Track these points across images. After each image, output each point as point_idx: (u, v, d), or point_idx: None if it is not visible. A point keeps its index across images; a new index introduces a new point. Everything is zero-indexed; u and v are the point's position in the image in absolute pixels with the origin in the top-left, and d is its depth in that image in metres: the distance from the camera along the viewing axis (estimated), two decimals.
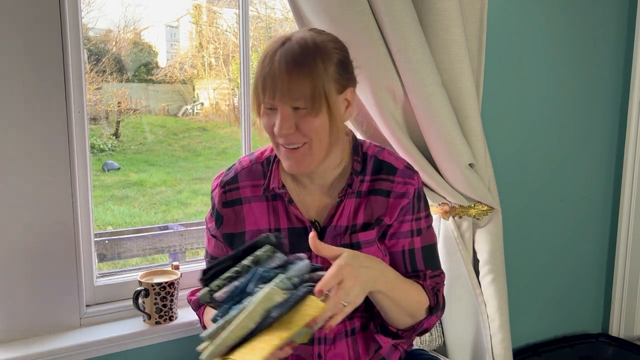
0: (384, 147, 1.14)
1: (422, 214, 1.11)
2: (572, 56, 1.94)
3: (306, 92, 0.93)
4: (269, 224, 1.08)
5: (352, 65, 1.04)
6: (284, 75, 0.92)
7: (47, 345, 1.28)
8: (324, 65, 0.94)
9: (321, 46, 0.96)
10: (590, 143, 2.06)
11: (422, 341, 1.62)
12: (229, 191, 1.11)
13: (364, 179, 1.08)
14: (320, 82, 0.93)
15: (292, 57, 0.93)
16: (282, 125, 0.95)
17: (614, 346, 2.04)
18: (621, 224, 2.11)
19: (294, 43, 0.95)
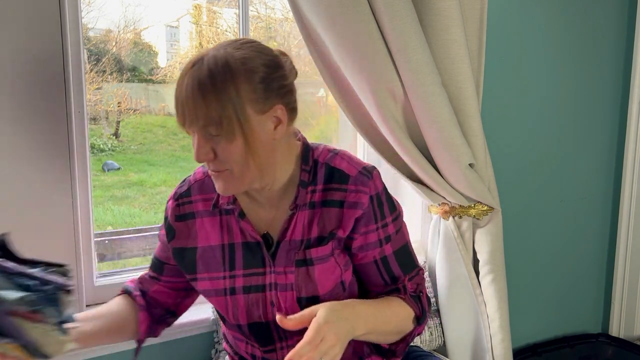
0: (338, 152, 1.05)
1: (389, 219, 1.04)
2: (572, 56, 1.94)
3: (214, 118, 0.88)
4: (221, 240, 1.05)
5: (283, 78, 0.95)
6: (189, 101, 0.88)
7: None
8: (236, 87, 0.88)
9: (235, 66, 0.89)
10: (590, 143, 2.06)
11: (422, 341, 1.62)
12: (182, 205, 1.08)
13: (315, 189, 1.02)
14: (229, 106, 0.88)
15: (199, 81, 0.88)
16: (197, 152, 0.92)
17: (614, 346, 2.04)
18: (621, 224, 2.11)
19: (204, 65, 0.89)
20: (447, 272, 1.59)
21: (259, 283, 1.03)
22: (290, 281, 1.01)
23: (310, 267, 1.01)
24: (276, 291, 1.02)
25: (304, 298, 1.01)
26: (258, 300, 1.03)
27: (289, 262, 1.02)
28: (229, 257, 1.04)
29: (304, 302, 1.01)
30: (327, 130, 2.12)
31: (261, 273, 1.03)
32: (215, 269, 1.05)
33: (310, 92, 2.13)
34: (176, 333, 1.42)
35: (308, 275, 1.01)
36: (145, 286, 1.16)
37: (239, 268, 1.04)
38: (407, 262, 1.08)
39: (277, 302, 1.03)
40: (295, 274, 1.01)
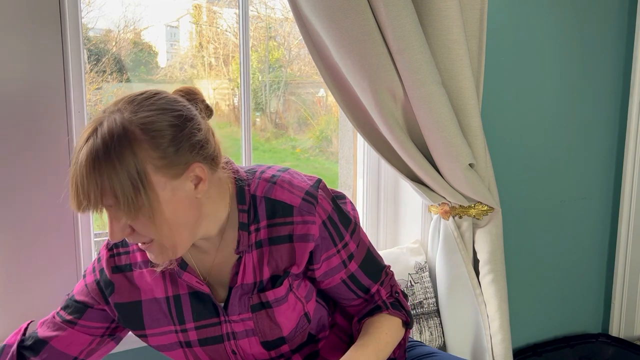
0: (276, 179, 0.95)
1: (347, 237, 0.98)
2: (572, 56, 1.94)
3: (117, 195, 0.78)
4: (165, 292, 0.96)
5: (195, 132, 0.85)
6: (85, 180, 0.78)
7: None
8: (138, 159, 0.78)
9: (133, 134, 0.79)
10: (590, 143, 2.06)
11: (422, 341, 1.62)
12: (117, 255, 0.99)
13: (258, 227, 0.93)
14: (134, 182, 0.78)
15: (93, 158, 0.78)
16: (111, 231, 0.83)
17: (614, 346, 2.04)
18: (621, 224, 2.11)
19: (99, 138, 0.79)
20: (447, 272, 1.59)
21: (216, 334, 0.97)
22: (249, 327, 0.96)
23: (269, 310, 0.95)
24: (235, 340, 0.97)
25: (269, 341, 0.97)
26: (219, 350, 0.98)
27: (243, 309, 0.95)
28: (175, 310, 0.97)
29: (270, 345, 0.97)
30: (327, 130, 2.12)
31: (216, 323, 0.97)
32: (165, 323, 0.98)
33: (310, 92, 2.13)
34: None
35: (269, 318, 0.95)
36: (47, 334, 1.00)
37: (189, 321, 0.97)
38: (373, 269, 1.03)
39: (239, 350, 0.98)
40: (254, 319, 0.95)
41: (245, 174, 0.97)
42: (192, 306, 0.97)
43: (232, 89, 2.75)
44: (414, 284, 1.64)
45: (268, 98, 2.35)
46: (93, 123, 0.82)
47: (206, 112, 0.91)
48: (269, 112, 2.43)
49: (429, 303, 1.65)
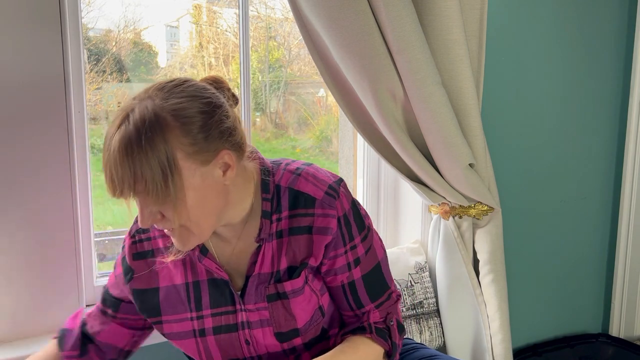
0: (301, 172, 0.96)
1: (357, 240, 0.97)
2: (572, 56, 1.94)
3: (149, 181, 0.79)
4: (185, 278, 0.98)
5: (224, 120, 0.86)
6: (118, 166, 0.79)
7: None
8: (169, 146, 0.79)
9: (165, 121, 0.80)
10: (590, 143, 2.06)
11: (422, 341, 1.62)
12: (140, 242, 1.00)
13: (280, 217, 0.94)
14: (165, 169, 0.79)
15: (126, 144, 0.78)
16: (141, 218, 0.84)
17: (614, 346, 2.04)
18: (621, 224, 2.11)
19: (131, 124, 0.79)
20: (447, 272, 1.59)
21: (230, 322, 0.97)
22: (264, 317, 0.96)
23: (285, 301, 0.95)
24: (250, 329, 0.97)
25: (283, 333, 0.97)
26: (232, 340, 0.98)
27: (259, 298, 0.95)
28: (194, 296, 0.98)
29: (283, 336, 0.97)
30: (327, 130, 2.12)
31: (231, 311, 0.97)
32: (182, 309, 0.98)
33: (310, 92, 2.13)
34: None
35: (284, 309, 0.95)
36: (95, 328, 1.05)
37: (206, 308, 0.97)
38: (376, 287, 1.01)
39: (252, 340, 0.98)
40: (269, 309, 0.95)
41: (271, 164, 0.98)
42: (209, 293, 0.97)
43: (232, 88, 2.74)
44: (414, 284, 1.64)
45: (268, 98, 2.35)
46: (123, 110, 0.82)
47: (233, 100, 0.92)
48: (269, 112, 2.43)
49: (429, 303, 1.65)
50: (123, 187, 0.80)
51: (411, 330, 1.61)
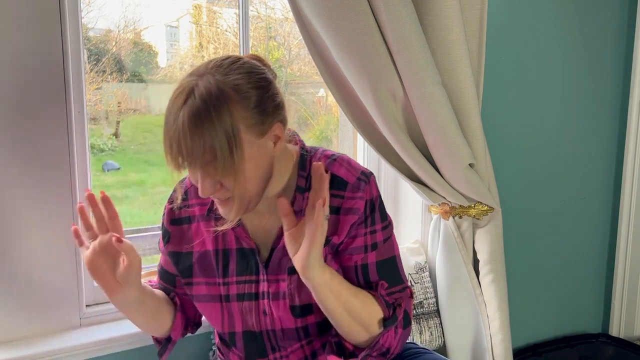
0: (336, 157, 1.03)
1: (378, 226, 1.01)
2: (572, 56, 1.94)
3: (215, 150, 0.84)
4: (215, 245, 1.04)
5: (275, 95, 0.93)
6: (188, 138, 0.83)
7: (47, 345, 1.28)
8: (233, 119, 0.85)
9: (229, 95, 0.85)
10: (590, 143, 2.06)
11: (422, 341, 1.62)
12: (177, 208, 1.07)
13: None
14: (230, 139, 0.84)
15: (196, 116, 0.83)
16: (202, 187, 0.89)
17: (614, 346, 2.04)
18: (621, 224, 2.11)
19: (197, 98, 0.84)
20: (447, 272, 1.59)
21: (252, 291, 1.02)
22: (282, 290, 1.00)
23: None
24: (269, 300, 1.01)
25: (298, 306, 1.00)
26: (251, 308, 1.02)
27: (281, 270, 1.00)
28: (222, 263, 1.04)
29: (298, 311, 1.00)
30: (327, 130, 2.12)
31: (254, 281, 1.02)
32: (211, 274, 1.04)
33: (310, 92, 2.13)
34: None
35: (301, 283, 0.98)
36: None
37: (232, 275, 1.03)
38: (389, 276, 1.03)
39: (269, 312, 1.02)
40: (287, 282, 1.00)
41: (309, 148, 1.05)
42: (237, 261, 1.03)
43: None
44: (414, 284, 1.64)
45: None
46: (185, 86, 0.86)
47: (274, 78, 0.97)
48: None
49: (429, 303, 1.65)
50: (192, 158, 0.84)
51: (411, 330, 1.61)
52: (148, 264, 1.37)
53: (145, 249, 3.19)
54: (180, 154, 0.85)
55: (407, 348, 1.25)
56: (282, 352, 1.05)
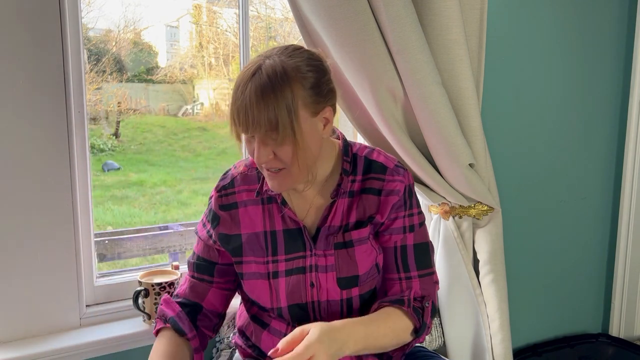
0: (374, 148, 1.16)
1: (415, 210, 1.13)
2: (572, 56, 1.94)
3: (276, 121, 0.95)
4: (264, 227, 1.11)
5: (330, 82, 1.04)
6: (254, 108, 0.94)
7: (47, 345, 1.28)
8: (293, 95, 0.96)
9: (291, 74, 0.97)
10: (590, 143, 2.06)
11: (422, 341, 1.62)
12: (225, 195, 1.14)
13: (355, 179, 1.11)
14: (290, 112, 0.95)
15: (261, 88, 0.95)
16: (259, 154, 0.99)
17: (614, 346, 2.04)
18: (621, 224, 2.11)
19: (264, 74, 0.96)
20: (447, 272, 1.59)
21: (300, 265, 1.09)
22: (330, 263, 1.08)
23: (350, 249, 1.08)
24: (316, 272, 1.09)
25: (344, 278, 1.08)
26: (299, 281, 1.09)
27: (328, 246, 1.09)
28: (271, 243, 1.11)
29: (344, 282, 1.09)
30: None
31: (302, 256, 1.09)
32: (260, 254, 1.11)
33: None
34: None
35: (348, 256, 1.08)
36: (199, 296, 1.15)
37: (281, 253, 1.10)
38: (423, 260, 1.13)
39: (317, 283, 1.09)
40: (335, 256, 1.08)
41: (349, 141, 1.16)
42: (285, 241, 1.10)
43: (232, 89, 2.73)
44: None
45: None
46: (253, 64, 0.98)
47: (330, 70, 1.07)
48: None
49: None
50: (256, 126, 0.95)
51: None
52: (148, 264, 1.36)
53: (145, 248, 3.18)
54: (246, 121, 0.95)
55: (417, 351, 1.26)
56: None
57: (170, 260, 3.64)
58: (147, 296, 1.37)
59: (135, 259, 3.21)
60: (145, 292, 1.37)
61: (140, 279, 1.39)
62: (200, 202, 4.42)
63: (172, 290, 1.39)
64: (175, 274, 1.44)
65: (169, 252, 3.50)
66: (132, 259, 3.17)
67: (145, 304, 1.38)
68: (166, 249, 3.48)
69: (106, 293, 1.45)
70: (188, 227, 3.62)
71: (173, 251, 3.49)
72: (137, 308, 1.38)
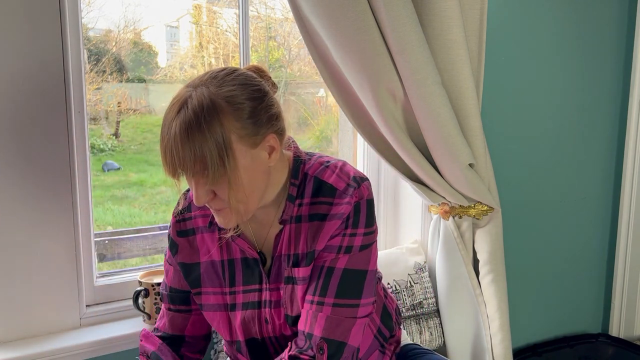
0: (329, 164, 1.02)
1: (360, 230, 0.98)
2: (572, 56, 1.94)
3: (205, 160, 0.86)
4: (221, 256, 1.05)
5: (270, 106, 0.94)
6: (179, 148, 0.86)
7: (47, 345, 1.28)
8: (224, 129, 0.86)
9: (221, 106, 0.87)
10: (590, 143, 2.06)
11: (422, 341, 1.62)
12: (182, 221, 1.08)
13: (302, 202, 1.00)
14: (221, 149, 0.86)
15: (186, 126, 0.85)
16: (197, 195, 0.91)
17: (614, 346, 2.04)
18: (621, 224, 2.11)
19: (189, 110, 0.86)
20: (447, 272, 1.59)
21: (255, 300, 1.04)
22: (280, 298, 1.02)
23: (295, 286, 1.00)
24: (270, 308, 1.03)
25: (291, 316, 1.02)
26: (254, 316, 1.04)
27: (279, 279, 1.02)
28: (229, 273, 1.05)
29: (291, 320, 1.02)
30: (327, 130, 2.12)
31: (258, 289, 1.04)
32: (217, 284, 1.06)
33: (310, 92, 2.13)
34: None
35: (293, 294, 1.01)
36: (179, 328, 1.11)
37: (238, 284, 1.05)
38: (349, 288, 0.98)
39: (270, 320, 1.03)
40: (283, 290, 1.02)
41: (305, 154, 1.06)
42: (242, 271, 1.04)
43: None
44: (414, 284, 1.64)
45: None
46: (180, 98, 0.89)
47: (273, 88, 0.99)
48: None
49: (429, 303, 1.65)
50: (184, 167, 0.87)
51: (411, 330, 1.61)
52: (148, 264, 1.37)
53: (146, 248, 3.18)
54: (173, 163, 0.87)
55: (411, 349, 1.25)
56: None
57: None
58: (147, 296, 1.37)
59: (135, 259, 3.21)
60: (145, 292, 1.37)
61: (140, 279, 1.39)
62: None
63: None
64: None
65: None
66: (132, 259, 3.17)
67: (145, 304, 1.38)
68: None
69: (106, 293, 1.45)
70: None
71: None
72: (137, 308, 1.38)
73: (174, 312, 1.12)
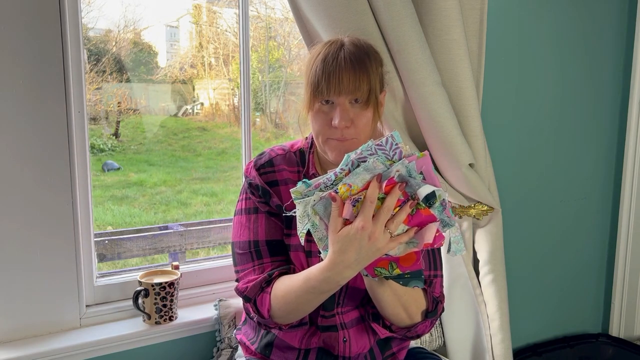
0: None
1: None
2: (572, 56, 1.94)
3: (365, 87, 1.00)
4: None
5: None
6: (350, 72, 0.99)
7: (47, 345, 1.28)
8: (375, 65, 1.03)
9: (371, 49, 1.05)
10: (590, 143, 2.06)
11: (423, 341, 1.62)
12: (264, 173, 1.13)
13: None
14: (374, 79, 1.02)
15: (355, 56, 1.01)
16: (342, 117, 1.00)
17: (614, 346, 2.04)
18: (621, 224, 2.11)
19: (351, 45, 1.03)
20: (447, 272, 1.59)
21: None
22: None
23: None
24: None
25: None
26: None
27: None
28: None
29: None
30: None
31: None
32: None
33: None
34: (178, 332, 1.42)
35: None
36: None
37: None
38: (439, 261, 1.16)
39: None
40: None
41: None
42: None
43: (232, 89, 2.75)
44: None
45: (268, 98, 2.36)
46: (333, 41, 1.05)
47: None
48: (269, 112, 2.43)
49: None
50: (351, 89, 1.00)
51: None
52: (148, 264, 1.36)
53: (145, 248, 3.18)
54: (339, 85, 0.99)
55: (417, 352, 1.26)
56: (344, 307, 1.13)
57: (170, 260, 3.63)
58: (147, 296, 1.37)
59: (135, 259, 3.21)
60: (145, 292, 1.37)
61: (140, 279, 1.39)
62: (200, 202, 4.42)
63: (172, 290, 1.39)
64: (175, 274, 1.44)
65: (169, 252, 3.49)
66: (132, 259, 3.17)
67: (145, 304, 1.38)
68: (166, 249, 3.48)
69: (106, 293, 1.45)
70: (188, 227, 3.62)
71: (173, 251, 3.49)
72: (137, 308, 1.38)
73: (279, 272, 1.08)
